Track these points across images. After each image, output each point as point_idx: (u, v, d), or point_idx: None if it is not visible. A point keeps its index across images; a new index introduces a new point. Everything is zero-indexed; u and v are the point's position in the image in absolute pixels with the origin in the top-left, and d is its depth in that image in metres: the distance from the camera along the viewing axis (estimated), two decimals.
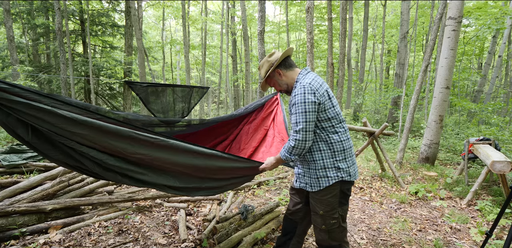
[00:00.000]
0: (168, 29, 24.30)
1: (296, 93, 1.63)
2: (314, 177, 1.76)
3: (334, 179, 1.71)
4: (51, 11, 11.34)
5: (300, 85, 1.65)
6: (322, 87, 1.67)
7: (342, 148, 1.72)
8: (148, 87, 4.49)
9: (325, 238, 1.80)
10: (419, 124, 10.50)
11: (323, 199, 1.74)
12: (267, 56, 1.84)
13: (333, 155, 1.71)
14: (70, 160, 1.65)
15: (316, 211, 1.79)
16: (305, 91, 1.60)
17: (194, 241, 2.64)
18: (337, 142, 1.71)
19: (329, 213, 1.74)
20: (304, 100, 1.58)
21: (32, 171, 4.32)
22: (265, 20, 8.27)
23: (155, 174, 1.76)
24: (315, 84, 1.65)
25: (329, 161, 1.71)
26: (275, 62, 1.78)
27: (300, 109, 1.59)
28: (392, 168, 4.51)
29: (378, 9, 18.39)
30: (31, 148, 1.58)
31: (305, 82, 1.65)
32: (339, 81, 7.89)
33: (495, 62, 13.38)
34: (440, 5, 5.41)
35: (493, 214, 3.39)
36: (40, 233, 2.64)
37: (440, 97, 5.36)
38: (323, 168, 1.72)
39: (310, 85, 1.62)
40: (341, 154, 1.72)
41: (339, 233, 1.80)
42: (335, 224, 1.76)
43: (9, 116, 1.45)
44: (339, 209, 1.76)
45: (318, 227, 1.81)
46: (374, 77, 21.46)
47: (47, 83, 11.09)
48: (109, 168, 1.67)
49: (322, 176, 1.72)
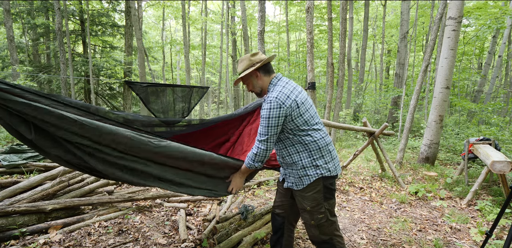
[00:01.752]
0: (168, 29, 24.29)
1: (264, 107, 1.71)
2: (296, 177, 1.85)
3: (314, 177, 1.80)
4: (51, 11, 11.34)
5: (268, 99, 1.72)
6: (289, 98, 1.71)
7: (318, 147, 1.80)
8: (148, 87, 4.49)
9: (316, 234, 1.88)
10: (419, 124, 10.50)
11: (307, 195, 1.83)
12: (249, 54, 1.85)
13: (309, 154, 1.80)
14: (72, 157, 1.65)
15: (303, 208, 1.86)
16: (271, 106, 1.68)
17: (194, 241, 2.64)
18: (311, 142, 1.79)
19: (315, 208, 1.82)
20: (269, 116, 1.68)
21: (32, 171, 4.32)
22: (265, 20, 8.27)
23: (157, 165, 1.79)
24: (282, 96, 1.69)
25: (307, 161, 1.80)
26: (257, 64, 1.80)
27: (264, 123, 1.71)
28: (392, 168, 4.51)
29: (378, 9, 18.39)
30: (33, 146, 1.58)
31: (272, 96, 1.70)
32: (339, 81, 7.89)
33: (495, 62, 13.37)
34: (440, 5, 5.41)
35: (493, 214, 3.39)
36: (40, 233, 2.64)
37: (440, 97, 5.36)
38: (302, 168, 1.82)
39: (276, 99, 1.68)
40: (318, 153, 1.80)
41: (329, 227, 1.87)
42: (323, 218, 1.84)
43: (12, 116, 1.46)
44: (325, 203, 1.84)
45: (308, 223, 1.89)
46: (374, 77, 21.45)
47: (47, 83, 11.09)
48: (112, 161, 1.68)
49: (303, 175, 1.82)
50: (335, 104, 7.91)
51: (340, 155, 6.62)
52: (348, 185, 4.48)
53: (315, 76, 6.37)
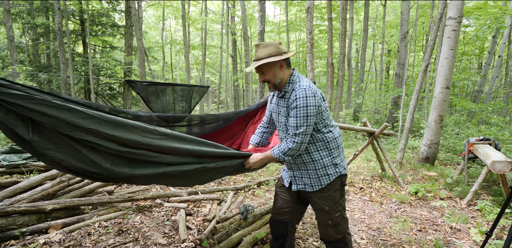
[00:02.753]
0: (168, 29, 24.29)
1: (298, 96, 1.62)
2: (314, 177, 1.78)
3: (334, 176, 1.77)
4: (51, 11, 11.33)
5: (300, 88, 1.63)
6: (318, 90, 1.70)
7: (337, 145, 1.79)
8: (149, 85, 4.50)
9: (332, 233, 1.83)
10: (419, 124, 10.50)
11: (327, 195, 1.79)
12: (277, 42, 1.71)
13: (329, 153, 1.77)
14: (74, 160, 1.54)
15: (321, 208, 1.81)
16: (307, 94, 1.61)
17: (194, 241, 2.64)
18: (332, 140, 1.76)
19: (333, 207, 1.80)
20: (307, 104, 1.60)
21: (32, 171, 4.32)
22: (265, 20, 8.27)
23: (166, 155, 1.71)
24: (313, 86, 1.68)
25: (327, 160, 1.76)
26: (284, 54, 1.68)
27: (302, 113, 1.61)
28: (392, 168, 4.51)
29: (378, 9, 18.39)
30: (30, 149, 1.49)
31: (305, 85, 1.65)
32: (339, 81, 7.89)
33: (495, 62, 13.38)
34: (440, 5, 5.41)
35: (493, 214, 3.39)
36: (40, 233, 2.63)
37: (440, 97, 5.36)
38: (323, 167, 1.76)
39: (310, 88, 1.64)
40: (336, 151, 1.79)
41: (343, 225, 1.85)
42: (340, 217, 1.82)
43: (9, 113, 1.38)
44: (341, 201, 1.83)
45: (324, 224, 1.84)
46: (374, 77, 21.45)
47: (47, 83, 11.08)
48: (120, 155, 1.60)
49: (323, 174, 1.77)
50: (335, 104, 7.91)
51: None
52: (348, 185, 4.48)
53: (315, 76, 6.37)
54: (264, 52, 1.68)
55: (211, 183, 4.57)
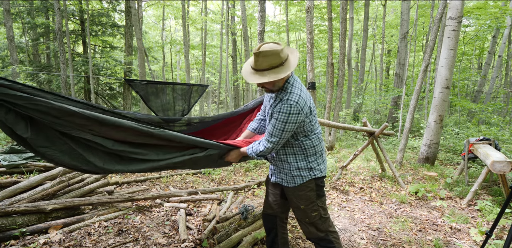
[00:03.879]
0: (168, 29, 24.27)
1: (282, 110, 1.61)
2: (289, 175, 1.86)
3: (307, 178, 1.82)
4: (51, 11, 11.33)
5: (287, 103, 1.60)
6: (306, 104, 1.66)
7: (315, 152, 1.83)
8: (148, 84, 4.50)
9: (313, 231, 1.89)
10: (419, 124, 10.49)
11: (302, 194, 1.84)
12: (279, 48, 1.56)
13: (305, 158, 1.82)
14: (69, 159, 1.61)
15: (297, 206, 1.87)
16: (291, 111, 1.60)
17: (194, 241, 2.64)
18: (310, 148, 1.81)
19: (309, 206, 1.84)
20: (287, 121, 1.62)
21: (32, 171, 4.32)
22: (265, 20, 8.26)
23: (157, 150, 1.82)
24: (301, 102, 1.62)
25: (302, 163, 1.82)
26: (291, 67, 1.61)
27: (279, 126, 1.65)
28: (392, 168, 4.51)
29: (378, 9, 18.39)
30: (28, 146, 1.53)
31: (293, 99, 1.60)
32: (339, 81, 7.88)
33: (495, 62, 13.38)
34: (440, 5, 5.40)
35: (493, 214, 3.39)
36: (40, 233, 2.64)
37: (440, 97, 5.36)
38: (297, 169, 1.83)
39: (297, 104, 1.60)
40: (313, 156, 1.83)
41: (323, 224, 1.89)
42: (317, 216, 1.86)
43: (9, 112, 1.41)
44: (317, 201, 1.86)
45: (302, 221, 1.90)
46: (374, 77, 21.45)
47: (47, 83, 11.08)
48: (114, 153, 1.69)
49: (297, 175, 1.83)
50: (335, 104, 7.91)
51: (340, 155, 6.62)
52: (348, 185, 4.48)
53: (315, 76, 6.37)
54: (266, 63, 1.57)
55: (211, 183, 4.58)
